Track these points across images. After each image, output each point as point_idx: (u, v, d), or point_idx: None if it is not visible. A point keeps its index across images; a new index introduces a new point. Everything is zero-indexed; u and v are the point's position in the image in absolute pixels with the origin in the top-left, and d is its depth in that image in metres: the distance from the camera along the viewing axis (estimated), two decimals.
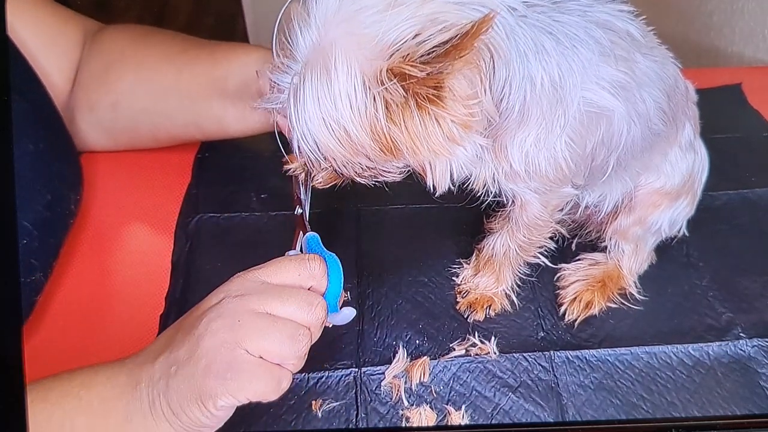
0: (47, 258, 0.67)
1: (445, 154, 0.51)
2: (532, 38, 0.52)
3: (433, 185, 0.55)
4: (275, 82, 0.52)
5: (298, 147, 0.52)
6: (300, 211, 0.65)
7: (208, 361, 0.47)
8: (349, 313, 0.55)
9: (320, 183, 0.71)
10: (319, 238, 0.59)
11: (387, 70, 0.47)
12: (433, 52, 0.45)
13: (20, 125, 0.66)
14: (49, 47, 0.74)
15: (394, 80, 0.47)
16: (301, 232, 0.63)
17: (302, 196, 0.66)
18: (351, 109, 0.48)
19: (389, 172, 0.56)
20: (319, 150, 0.51)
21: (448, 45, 0.45)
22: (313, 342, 0.51)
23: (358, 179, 0.57)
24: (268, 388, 0.48)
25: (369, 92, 0.48)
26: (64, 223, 0.70)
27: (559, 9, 0.53)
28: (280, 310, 0.49)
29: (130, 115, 0.76)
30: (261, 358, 0.48)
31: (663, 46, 0.61)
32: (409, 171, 0.57)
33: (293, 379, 0.63)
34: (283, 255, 0.59)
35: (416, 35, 0.46)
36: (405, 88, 0.47)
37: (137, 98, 0.75)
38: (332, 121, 0.49)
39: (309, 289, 0.52)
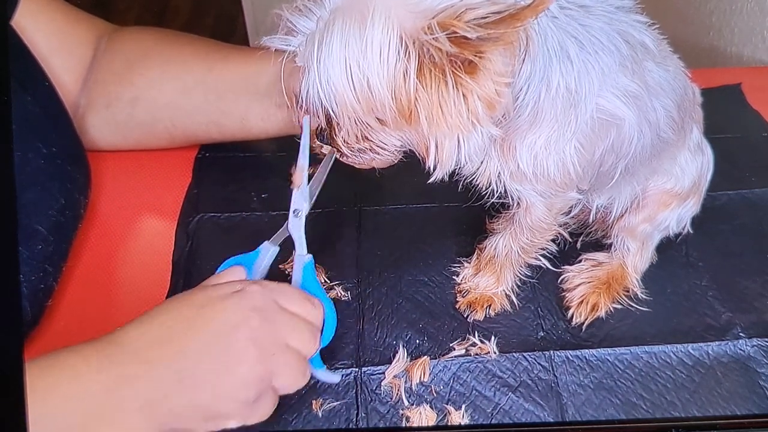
0: (59, 262, 0.67)
1: (463, 130, 0.50)
2: (559, 41, 0.52)
3: (434, 165, 0.53)
4: (292, 24, 0.50)
5: (307, 92, 0.50)
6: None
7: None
8: (335, 377, 0.59)
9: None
10: (314, 264, 0.61)
11: (436, 24, 0.45)
12: (487, 18, 0.44)
13: (33, 128, 0.65)
14: (60, 47, 0.74)
15: (443, 34, 0.45)
16: (294, 237, 0.62)
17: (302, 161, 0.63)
18: (380, 60, 0.47)
19: (386, 149, 0.55)
20: (332, 98, 0.49)
21: (504, 14, 0.44)
22: None
23: (345, 150, 0.56)
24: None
25: (403, 47, 0.46)
26: (74, 226, 0.70)
27: (587, 13, 0.53)
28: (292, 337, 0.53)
29: (150, 110, 0.76)
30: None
31: (675, 55, 0.61)
32: (403, 154, 0.57)
33: None
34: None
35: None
36: (451, 47, 0.45)
37: (162, 93, 0.75)
38: (357, 69, 0.47)
39: None
